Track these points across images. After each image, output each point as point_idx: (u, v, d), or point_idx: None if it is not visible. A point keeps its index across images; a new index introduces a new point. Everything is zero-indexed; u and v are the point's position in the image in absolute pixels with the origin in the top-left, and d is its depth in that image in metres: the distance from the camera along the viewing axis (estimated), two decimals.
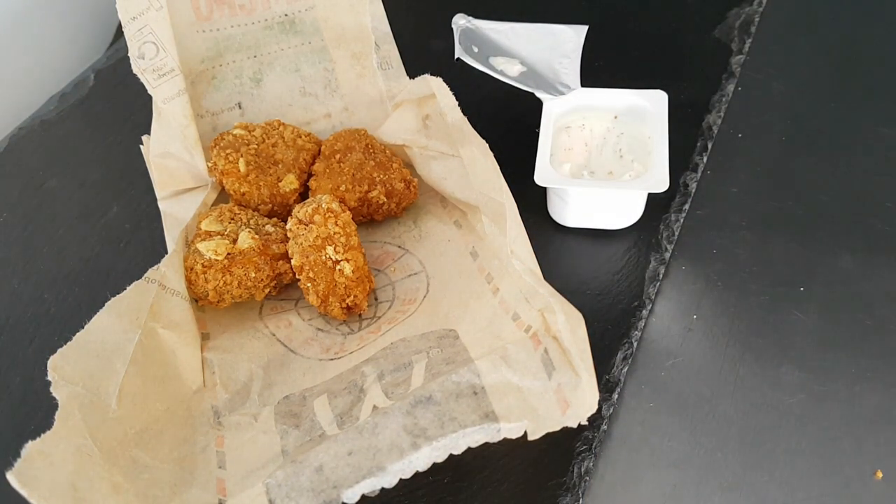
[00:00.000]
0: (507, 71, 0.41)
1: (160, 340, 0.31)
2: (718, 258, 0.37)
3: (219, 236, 0.34)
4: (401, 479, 0.25)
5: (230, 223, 0.35)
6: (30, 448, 0.24)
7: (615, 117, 0.40)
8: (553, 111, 0.39)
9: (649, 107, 0.39)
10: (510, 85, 0.40)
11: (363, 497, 0.24)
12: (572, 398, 0.25)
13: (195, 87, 0.40)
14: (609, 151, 0.39)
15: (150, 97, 0.37)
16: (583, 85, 0.40)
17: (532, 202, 0.38)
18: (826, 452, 0.30)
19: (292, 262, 0.33)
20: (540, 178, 0.36)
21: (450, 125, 0.35)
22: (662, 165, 0.36)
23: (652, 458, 0.30)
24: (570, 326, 0.25)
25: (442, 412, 0.25)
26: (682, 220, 0.38)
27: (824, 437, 0.30)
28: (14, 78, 0.50)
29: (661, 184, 0.35)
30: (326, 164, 0.38)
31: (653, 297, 0.35)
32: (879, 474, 0.29)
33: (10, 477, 0.23)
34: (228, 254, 0.33)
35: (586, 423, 0.25)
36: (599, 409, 0.31)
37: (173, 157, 0.38)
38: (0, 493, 0.26)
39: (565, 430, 0.25)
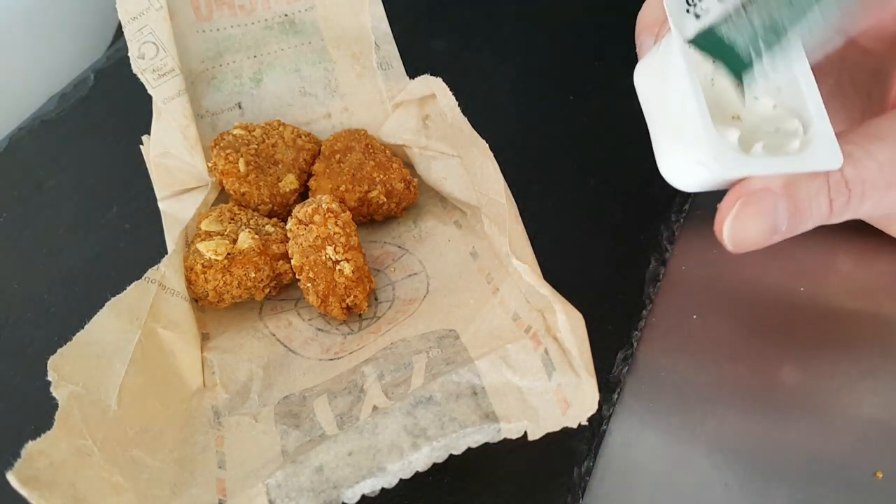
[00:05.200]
0: None
1: (160, 340, 0.31)
2: (718, 258, 0.37)
3: (219, 236, 0.34)
4: (401, 480, 0.25)
5: (230, 223, 0.35)
6: (30, 448, 0.24)
7: None
8: None
9: None
10: (511, 84, 0.39)
11: (363, 497, 0.24)
12: (572, 398, 0.25)
13: (195, 88, 0.40)
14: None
15: (150, 97, 0.37)
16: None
17: (532, 202, 0.38)
18: (826, 452, 0.30)
19: (292, 262, 0.33)
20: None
21: (450, 125, 0.35)
22: (824, 122, 0.25)
23: (652, 458, 0.30)
24: (570, 326, 0.25)
25: (442, 412, 0.25)
26: (682, 220, 0.38)
27: (824, 437, 0.30)
28: (14, 78, 0.50)
29: (835, 158, 0.25)
30: (326, 164, 0.38)
31: (653, 297, 0.35)
32: (879, 474, 0.29)
33: (10, 477, 0.23)
34: (228, 254, 0.33)
35: (586, 423, 0.25)
36: (599, 409, 0.31)
37: (173, 157, 0.38)
38: (0, 493, 0.26)
39: (565, 431, 0.25)
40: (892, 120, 0.27)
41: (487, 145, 0.33)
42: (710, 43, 0.26)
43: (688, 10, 0.26)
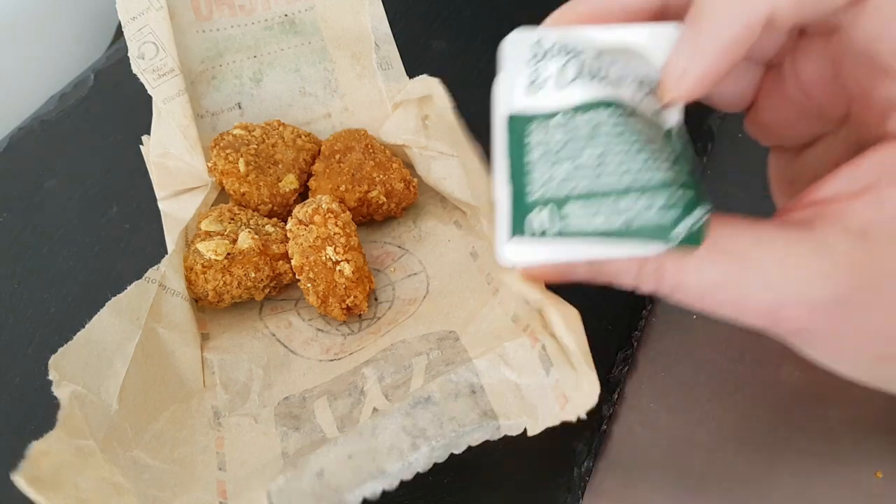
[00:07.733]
0: None
1: (160, 340, 0.31)
2: None
3: (219, 236, 0.34)
4: (401, 480, 0.25)
5: (230, 223, 0.35)
6: (34, 448, 0.24)
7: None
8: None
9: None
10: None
11: (363, 499, 0.25)
12: (571, 393, 0.25)
13: (195, 88, 0.40)
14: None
15: (150, 97, 0.37)
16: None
17: None
18: (826, 452, 0.30)
19: (292, 262, 0.33)
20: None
21: (448, 126, 0.35)
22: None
23: (652, 458, 0.30)
24: (564, 323, 0.25)
25: (441, 412, 0.25)
26: None
27: (824, 438, 0.30)
28: (14, 78, 0.50)
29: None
30: (326, 164, 0.38)
31: (653, 297, 0.35)
32: (879, 474, 0.29)
33: (17, 477, 0.23)
34: (228, 254, 0.33)
35: (585, 417, 0.25)
36: (599, 410, 0.31)
37: (173, 157, 0.38)
38: (0, 493, 0.26)
39: (565, 431, 0.25)
40: (744, 233, 0.23)
41: (478, 150, 0.33)
42: (515, 153, 0.19)
43: (530, 60, 0.20)
